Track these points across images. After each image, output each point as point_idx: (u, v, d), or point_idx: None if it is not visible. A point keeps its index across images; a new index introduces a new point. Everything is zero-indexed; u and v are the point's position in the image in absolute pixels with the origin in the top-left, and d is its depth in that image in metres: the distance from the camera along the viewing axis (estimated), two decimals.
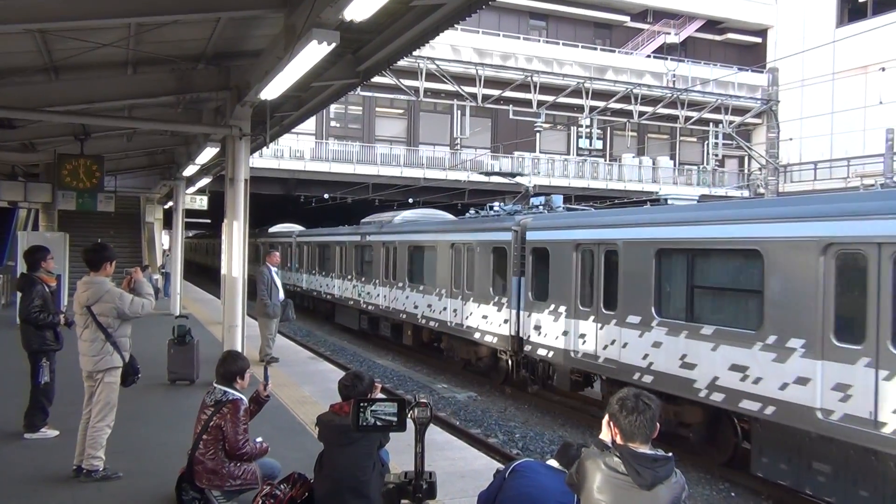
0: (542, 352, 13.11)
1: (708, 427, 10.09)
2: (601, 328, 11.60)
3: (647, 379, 10.43)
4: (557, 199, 15.56)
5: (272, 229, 34.74)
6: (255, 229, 37.29)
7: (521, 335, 13.74)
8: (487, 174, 23.50)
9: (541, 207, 15.47)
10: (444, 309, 16.58)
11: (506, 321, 14.17)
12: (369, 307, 21.16)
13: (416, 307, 18.02)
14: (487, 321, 14.82)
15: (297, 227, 33.23)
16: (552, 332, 12.81)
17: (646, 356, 10.58)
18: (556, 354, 12.69)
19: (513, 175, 24.47)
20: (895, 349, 7.28)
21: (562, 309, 12.55)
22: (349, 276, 23.04)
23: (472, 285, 15.55)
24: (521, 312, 13.75)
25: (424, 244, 18.17)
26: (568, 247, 12.50)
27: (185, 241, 69.91)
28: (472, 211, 17.90)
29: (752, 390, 8.76)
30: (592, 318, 11.82)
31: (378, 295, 20.52)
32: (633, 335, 10.89)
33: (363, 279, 21.75)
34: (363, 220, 23.47)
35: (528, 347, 13.51)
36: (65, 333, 7.94)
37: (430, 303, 17.25)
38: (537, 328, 13.22)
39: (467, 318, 15.58)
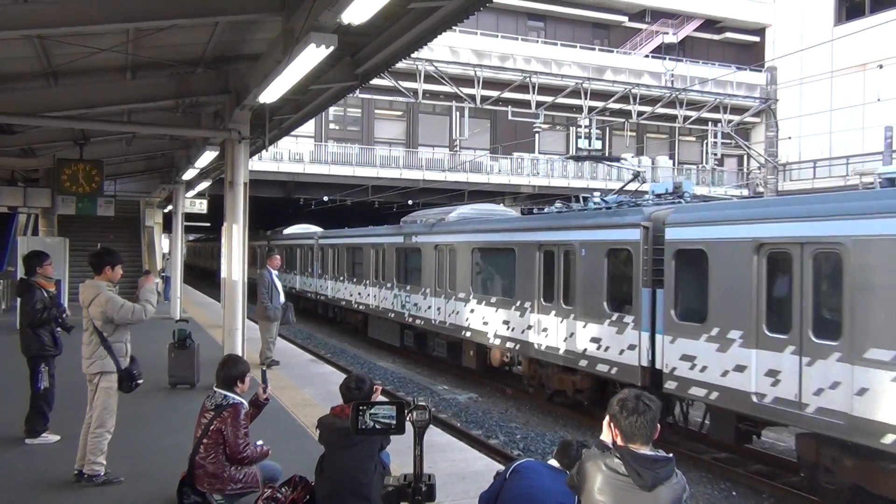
0: (698, 391, 9.76)
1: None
2: (810, 364, 8.25)
3: None
4: (689, 185, 12.76)
5: (288, 231, 32.76)
6: (265, 231, 36.61)
7: (657, 366, 10.49)
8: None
9: (668, 196, 12.44)
10: (529, 328, 13.45)
11: (631, 347, 10.90)
12: (416, 321, 17.99)
13: (484, 323, 14.94)
14: (599, 346, 11.56)
15: (315, 228, 31.39)
16: (717, 365, 9.45)
17: None
18: (724, 396, 9.39)
19: (614, 159, 23.48)
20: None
21: (734, 335, 9.22)
22: (388, 285, 19.95)
23: (574, 299, 12.30)
24: (660, 337, 10.45)
25: (496, 246, 15.12)
26: (743, 248, 9.20)
27: (188, 244, 69.57)
28: (557, 204, 14.78)
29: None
30: (792, 349, 8.49)
31: (429, 307, 17.42)
32: (881, 378, 7.51)
33: (408, 288, 18.69)
34: (405, 219, 20.52)
35: (671, 384, 10.17)
36: (64, 338, 7.95)
37: (508, 319, 14.15)
38: (689, 359, 9.89)
39: (566, 339, 12.42)
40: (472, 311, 15.43)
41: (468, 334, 15.56)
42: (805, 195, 9.60)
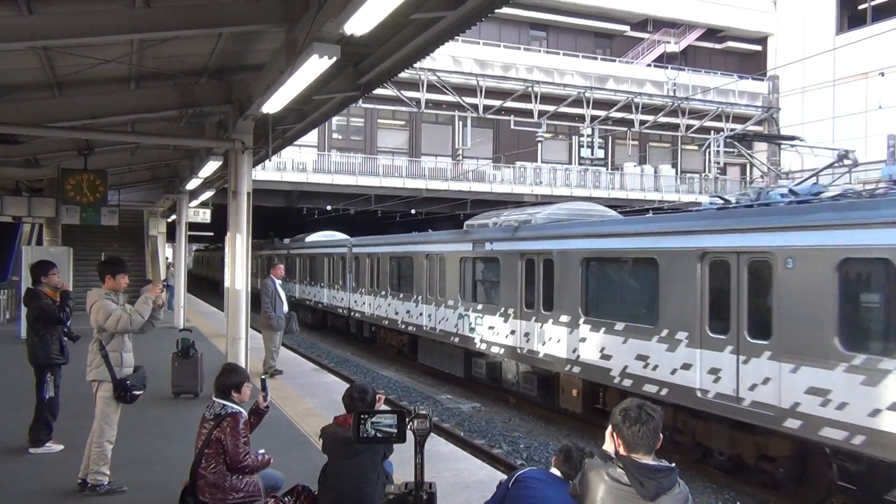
0: None
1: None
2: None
3: None
4: None
5: (312, 238, 29.96)
6: (280, 239, 35.32)
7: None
8: None
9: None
10: (690, 366, 9.75)
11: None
12: (492, 349, 14.78)
13: (604, 356, 11.38)
14: (829, 399, 7.94)
15: (340, 235, 28.77)
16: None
17: None
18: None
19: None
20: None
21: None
22: (450, 302, 16.69)
23: (777, 331, 8.62)
24: None
25: (627, 255, 11.53)
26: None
27: (195, 253, 68.23)
28: (710, 199, 11.99)
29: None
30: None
31: (512, 332, 13.99)
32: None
33: (479, 308, 15.38)
34: (471, 223, 17.10)
35: None
36: (70, 348, 7.97)
37: (646, 353, 10.48)
38: None
39: (757, 388, 8.78)
40: (583, 338, 11.95)
41: (576, 369, 12.12)
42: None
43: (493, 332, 14.74)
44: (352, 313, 23.54)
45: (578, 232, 12.79)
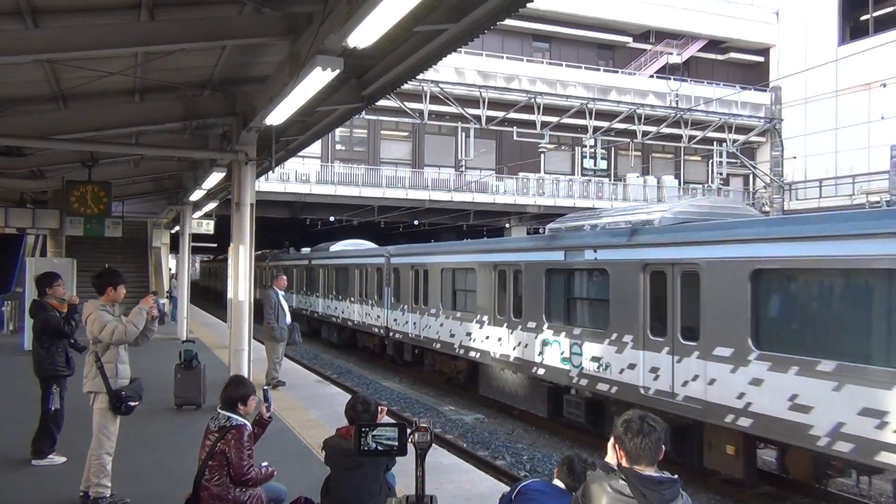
0: None
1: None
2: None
3: None
4: None
5: (338, 247, 27.19)
6: (296, 249, 33.83)
7: None
8: None
9: None
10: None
11: None
12: (597, 385, 11.61)
13: (803, 408, 8.23)
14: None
15: (367, 244, 26.81)
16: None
17: None
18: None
19: None
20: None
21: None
22: (531, 325, 13.37)
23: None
24: None
25: (835, 266, 8.18)
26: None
27: (202, 264, 66.90)
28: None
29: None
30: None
31: (632, 366, 10.85)
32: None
33: (576, 332, 12.23)
34: (554, 227, 14.03)
35: None
36: (76, 359, 7.98)
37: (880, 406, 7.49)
38: None
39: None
40: (755, 379, 8.79)
41: (744, 421, 8.92)
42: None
43: (597, 364, 11.62)
44: (391, 333, 20.14)
45: (744, 235, 9.41)
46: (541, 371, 13.12)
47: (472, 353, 15.62)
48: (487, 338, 15.02)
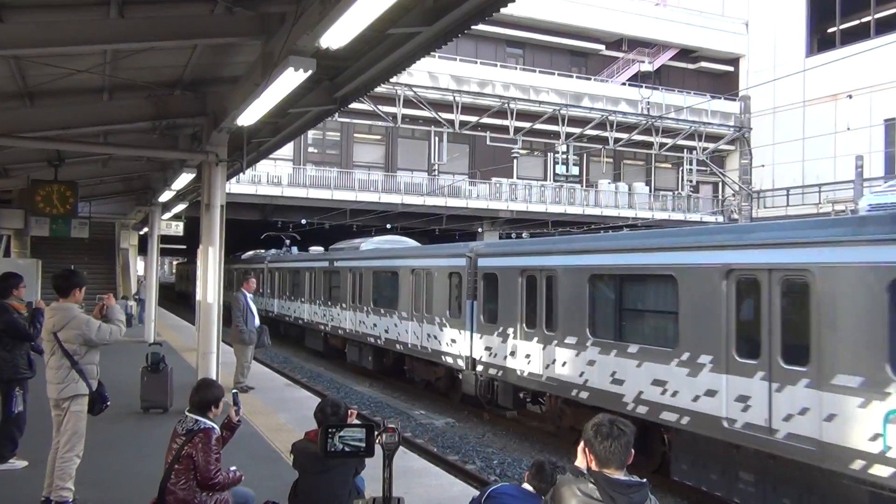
0: None
1: None
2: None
3: None
4: None
5: (374, 246, 21.97)
6: (303, 249, 31.17)
7: None
8: None
9: None
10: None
11: None
12: (741, 430, 8.54)
13: None
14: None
15: (410, 241, 22.69)
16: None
17: None
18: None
19: None
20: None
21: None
22: (688, 357, 9.37)
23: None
24: None
25: None
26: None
27: (180, 267, 63.08)
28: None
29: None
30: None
31: (806, 408, 7.86)
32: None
33: (743, 364, 8.64)
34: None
35: None
36: (36, 360, 7.82)
37: None
38: None
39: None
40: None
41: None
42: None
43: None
44: (479, 367, 14.18)
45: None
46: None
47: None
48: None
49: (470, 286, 14.68)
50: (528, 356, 12.75)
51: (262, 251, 34.94)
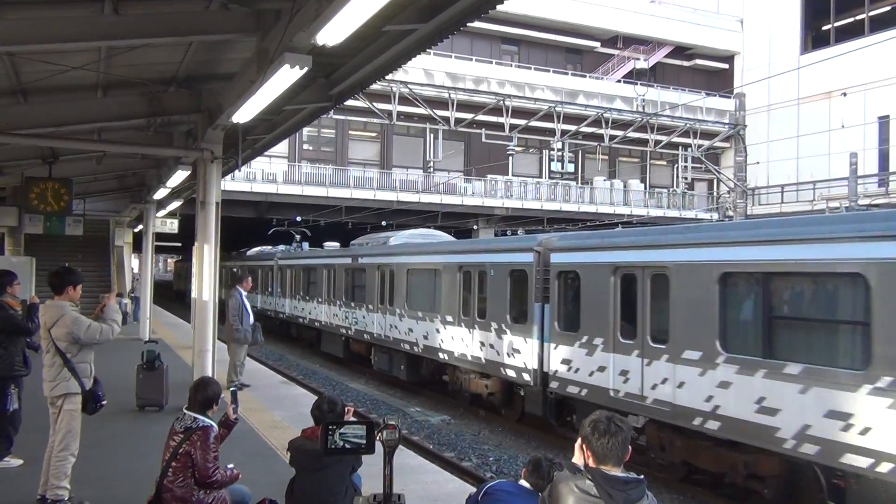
0: None
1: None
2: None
3: None
4: None
5: (399, 241, 20.09)
6: (311, 246, 29.65)
7: None
8: None
9: None
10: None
11: None
12: None
13: None
14: None
15: (443, 235, 21.12)
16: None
17: None
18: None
19: None
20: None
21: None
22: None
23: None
24: None
25: None
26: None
27: (179, 265, 61.74)
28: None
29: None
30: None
31: None
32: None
33: None
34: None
35: None
36: (32, 358, 7.81)
37: None
38: None
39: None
40: None
41: None
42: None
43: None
44: (554, 384, 11.97)
45: None
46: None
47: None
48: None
49: (539, 287, 12.44)
50: (624, 373, 10.51)
51: (268, 248, 33.26)
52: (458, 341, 14.95)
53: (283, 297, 27.95)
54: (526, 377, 12.68)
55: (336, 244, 27.65)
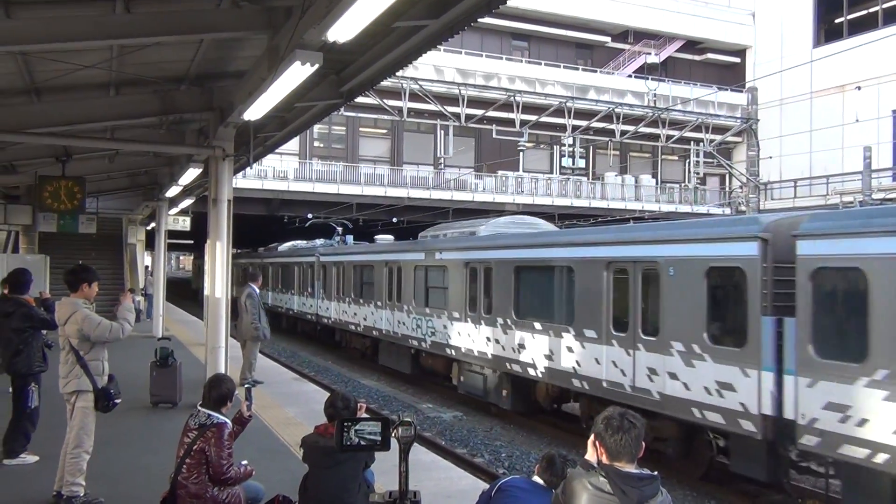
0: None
1: None
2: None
3: None
4: None
5: (490, 230, 15.90)
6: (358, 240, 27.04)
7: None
8: None
9: None
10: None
11: None
12: None
13: None
14: None
15: (544, 224, 17.04)
16: None
17: None
18: None
19: None
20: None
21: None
22: None
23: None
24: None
25: None
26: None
27: (197, 263, 61.08)
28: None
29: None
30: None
31: None
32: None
33: None
34: None
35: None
36: (48, 355, 7.86)
37: None
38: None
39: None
40: None
41: None
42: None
43: None
44: (810, 440, 8.01)
45: None
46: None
47: None
48: None
49: (768, 293, 8.61)
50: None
51: (302, 242, 30.69)
52: (609, 366, 10.82)
53: (327, 300, 23.87)
54: (745, 424, 8.71)
55: (389, 237, 24.51)
